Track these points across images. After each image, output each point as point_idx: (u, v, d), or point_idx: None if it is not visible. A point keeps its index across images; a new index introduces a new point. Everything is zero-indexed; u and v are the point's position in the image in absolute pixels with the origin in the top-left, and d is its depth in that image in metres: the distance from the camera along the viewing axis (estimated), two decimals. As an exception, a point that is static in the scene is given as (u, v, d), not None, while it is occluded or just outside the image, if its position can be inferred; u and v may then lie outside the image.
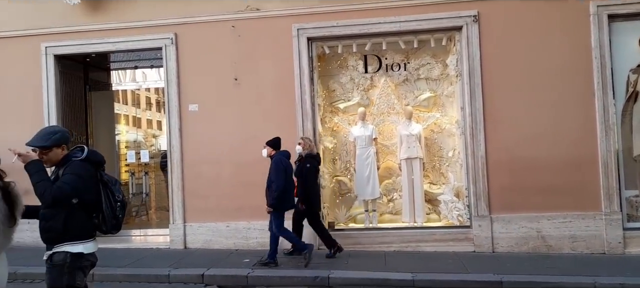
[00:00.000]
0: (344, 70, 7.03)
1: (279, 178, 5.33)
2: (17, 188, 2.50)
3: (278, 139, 5.61)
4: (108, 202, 2.72)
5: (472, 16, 5.98)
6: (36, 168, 2.53)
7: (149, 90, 14.35)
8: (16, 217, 2.48)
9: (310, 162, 5.68)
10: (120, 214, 2.78)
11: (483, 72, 6.01)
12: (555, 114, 5.88)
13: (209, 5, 6.28)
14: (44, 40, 6.43)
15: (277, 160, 5.45)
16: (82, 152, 2.70)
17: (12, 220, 2.46)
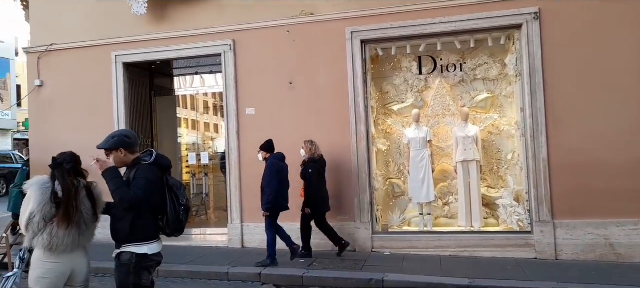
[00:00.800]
0: (397, 72, 6.98)
1: (273, 182, 5.50)
2: (99, 188, 2.72)
3: (271, 142, 5.80)
4: (173, 205, 2.83)
5: (533, 13, 5.74)
6: (113, 175, 2.68)
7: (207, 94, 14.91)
8: (98, 214, 2.71)
9: (312, 166, 5.78)
10: (183, 218, 2.88)
11: (545, 71, 5.75)
12: (626, 113, 5.53)
13: (265, 12, 6.47)
14: (114, 50, 6.89)
15: (271, 163, 5.64)
16: (150, 156, 2.83)
17: (95, 217, 2.70)
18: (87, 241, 2.72)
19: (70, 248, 2.61)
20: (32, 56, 7.23)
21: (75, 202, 2.58)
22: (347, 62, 6.26)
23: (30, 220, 2.52)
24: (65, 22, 7.10)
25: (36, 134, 7.26)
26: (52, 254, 2.57)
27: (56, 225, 2.53)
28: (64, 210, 2.53)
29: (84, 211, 2.63)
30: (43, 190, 2.54)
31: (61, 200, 2.54)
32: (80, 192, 2.64)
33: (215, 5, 6.64)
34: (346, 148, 6.22)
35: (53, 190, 2.55)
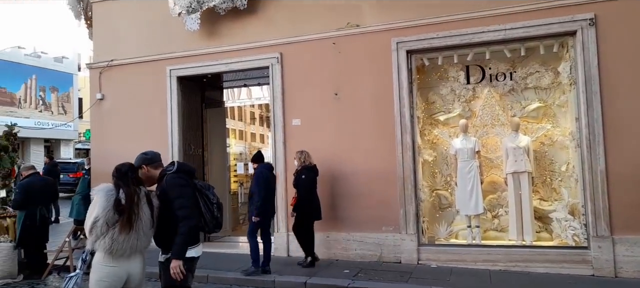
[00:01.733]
0: (444, 82, 6.89)
1: (261, 190, 5.71)
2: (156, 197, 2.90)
3: (260, 152, 6.16)
4: (206, 206, 3.07)
5: (588, 19, 5.52)
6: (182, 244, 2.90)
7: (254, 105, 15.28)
8: (154, 220, 2.87)
9: (305, 174, 5.95)
10: (218, 215, 3.12)
11: (602, 79, 5.50)
12: (693, 123, 5.19)
13: (311, 25, 6.60)
14: (169, 64, 7.25)
15: (258, 172, 5.87)
16: (173, 166, 3.07)
17: (152, 223, 2.86)
18: (144, 246, 2.89)
19: (128, 253, 2.78)
20: (94, 71, 7.73)
21: (137, 208, 2.76)
22: (393, 72, 6.26)
23: (94, 224, 2.71)
24: (125, 39, 7.55)
25: (97, 144, 7.73)
26: (112, 258, 2.75)
27: (118, 230, 2.71)
28: (127, 216, 2.71)
29: (143, 218, 2.80)
30: (108, 196, 2.74)
31: (124, 207, 2.72)
32: (141, 200, 2.81)
33: (264, 20, 6.85)
34: (392, 159, 6.20)
35: (117, 198, 2.74)
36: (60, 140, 25.62)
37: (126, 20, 7.58)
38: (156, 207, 2.90)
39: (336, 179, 6.43)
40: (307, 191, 6.00)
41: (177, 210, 2.85)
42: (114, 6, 7.67)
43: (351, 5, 6.47)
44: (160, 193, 2.96)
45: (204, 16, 6.77)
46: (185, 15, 6.71)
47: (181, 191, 2.91)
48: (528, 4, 5.75)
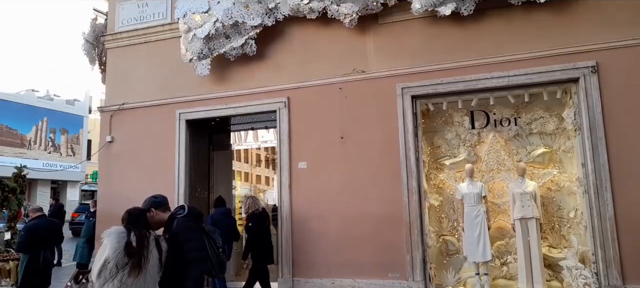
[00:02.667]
0: (449, 126, 6.95)
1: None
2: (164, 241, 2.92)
3: (220, 198, 6.64)
4: (212, 249, 3.10)
5: (590, 67, 5.62)
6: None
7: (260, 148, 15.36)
8: (162, 264, 2.88)
9: (252, 221, 6.13)
10: (223, 258, 3.18)
11: (606, 125, 5.54)
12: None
13: (318, 70, 6.75)
14: (179, 108, 7.38)
15: (212, 218, 6.19)
16: (183, 210, 3.10)
17: (160, 266, 2.86)
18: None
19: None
20: (106, 114, 7.88)
21: (147, 252, 2.77)
22: (398, 117, 6.33)
23: (104, 265, 2.71)
24: (137, 83, 7.74)
25: (104, 186, 7.77)
26: (120, 301, 2.72)
27: (127, 273, 2.71)
28: (137, 259, 2.72)
29: (152, 261, 2.80)
30: (119, 238, 2.76)
31: (134, 250, 2.73)
32: (150, 243, 2.83)
33: (272, 65, 7.02)
34: (397, 203, 6.17)
35: (128, 240, 2.76)
36: (67, 181, 25.77)
37: (139, 65, 7.79)
38: (165, 251, 2.91)
39: (342, 223, 6.39)
40: (254, 237, 6.15)
41: (187, 254, 2.87)
42: (128, 52, 7.92)
43: (357, 51, 6.63)
44: (170, 237, 2.98)
45: (214, 62, 6.96)
46: (196, 61, 6.90)
47: (192, 235, 2.94)
48: (530, 51, 5.87)
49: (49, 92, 25.87)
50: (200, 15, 6.73)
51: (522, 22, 5.95)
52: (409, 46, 6.42)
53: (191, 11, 6.78)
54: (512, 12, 5.94)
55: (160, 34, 7.68)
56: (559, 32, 5.82)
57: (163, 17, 7.71)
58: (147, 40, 7.78)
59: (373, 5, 6.21)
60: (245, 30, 6.74)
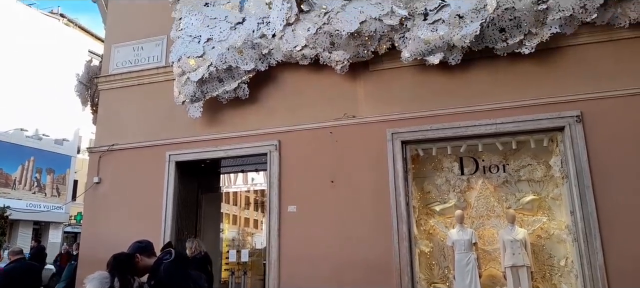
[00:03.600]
0: (439, 172, 7.01)
1: None
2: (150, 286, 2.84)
3: (169, 243, 6.12)
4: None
5: (575, 116, 5.76)
6: None
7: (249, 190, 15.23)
8: None
9: (195, 264, 5.75)
10: None
11: (593, 173, 5.61)
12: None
13: (309, 115, 6.82)
14: (169, 149, 7.36)
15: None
16: (170, 254, 3.05)
17: None
18: None
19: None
20: (94, 155, 7.82)
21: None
22: (388, 161, 6.36)
23: (87, 311, 2.62)
24: (128, 124, 7.74)
25: (88, 228, 7.60)
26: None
27: (109, 319, 2.61)
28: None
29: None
30: (102, 284, 2.68)
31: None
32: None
33: (264, 109, 7.09)
34: (388, 249, 6.10)
35: (111, 286, 2.68)
36: (49, 223, 25.14)
37: (131, 107, 7.81)
38: None
39: (332, 268, 6.27)
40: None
41: None
42: (121, 94, 7.95)
43: (348, 97, 6.74)
44: (156, 283, 2.91)
45: (207, 104, 7.01)
46: (188, 104, 6.95)
47: (178, 280, 2.87)
48: (516, 100, 6.01)
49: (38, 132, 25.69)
50: (194, 60, 6.83)
51: (507, 72, 6.13)
52: (399, 93, 6.55)
53: (186, 55, 6.89)
54: (498, 63, 6.12)
55: (154, 77, 7.75)
56: (543, 82, 5.99)
57: (157, 61, 7.82)
58: (140, 82, 7.85)
59: (364, 53, 6.38)
60: (239, 75, 6.85)
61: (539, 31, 5.73)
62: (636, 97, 5.65)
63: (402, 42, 6.19)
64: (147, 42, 7.97)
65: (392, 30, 6.19)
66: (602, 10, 5.60)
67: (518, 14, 5.61)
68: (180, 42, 7.03)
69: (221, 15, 7.05)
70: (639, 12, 5.54)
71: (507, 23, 5.68)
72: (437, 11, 5.95)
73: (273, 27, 6.66)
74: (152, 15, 8.06)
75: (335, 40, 6.29)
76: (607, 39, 5.87)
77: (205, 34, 6.91)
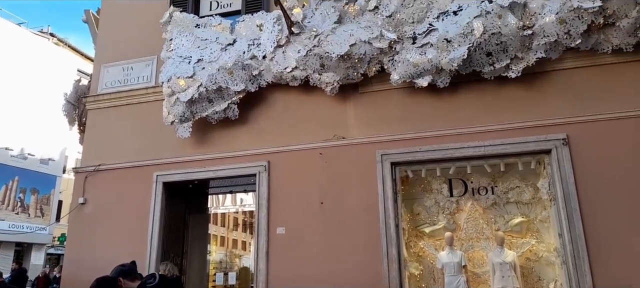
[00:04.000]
0: (428, 194, 7.02)
1: None
2: None
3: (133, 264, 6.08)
4: None
5: (561, 139, 5.83)
6: None
7: (238, 212, 15.09)
8: None
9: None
10: None
11: (580, 196, 5.66)
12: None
13: (299, 136, 6.83)
14: (157, 170, 7.27)
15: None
16: (154, 278, 3.00)
17: None
18: None
19: None
20: (80, 175, 7.70)
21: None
22: (378, 183, 6.35)
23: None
24: (115, 144, 7.66)
25: (72, 250, 7.43)
26: None
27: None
28: None
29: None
30: None
31: None
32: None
33: (254, 129, 7.08)
34: (377, 271, 6.04)
35: None
36: (32, 244, 24.55)
37: (119, 127, 7.74)
38: None
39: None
40: None
41: None
42: (109, 114, 7.89)
43: (338, 118, 6.76)
44: None
45: (196, 125, 6.98)
46: (177, 124, 6.91)
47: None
48: (505, 123, 6.08)
49: (23, 151, 25.30)
50: (184, 80, 6.83)
51: (495, 95, 6.21)
52: (388, 114, 6.59)
53: (176, 76, 6.88)
54: (486, 86, 6.21)
55: (143, 97, 7.72)
56: (530, 106, 6.08)
57: (147, 81, 7.79)
58: (129, 102, 7.80)
59: (354, 75, 6.43)
60: (229, 95, 6.85)
61: (525, 55, 5.85)
62: (621, 121, 5.75)
63: (391, 65, 6.27)
64: (137, 62, 7.95)
65: (382, 53, 6.27)
66: (585, 36, 5.74)
67: (504, 38, 5.72)
68: (171, 63, 7.03)
69: (212, 36, 7.08)
70: (620, 38, 5.69)
71: (494, 47, 5.79)
72: (426, 35, 6.05)
73: (264, 49, 6.71)
74: (142, 35, 8.07)
75: (325, 62, 6.34)
76: (591, 64, 6.00)
77: (196, 54, 6.93)
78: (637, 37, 5.65)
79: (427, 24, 6.11)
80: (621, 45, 5.72)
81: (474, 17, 5.78)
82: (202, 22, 7.32)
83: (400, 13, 6.31)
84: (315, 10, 6.74)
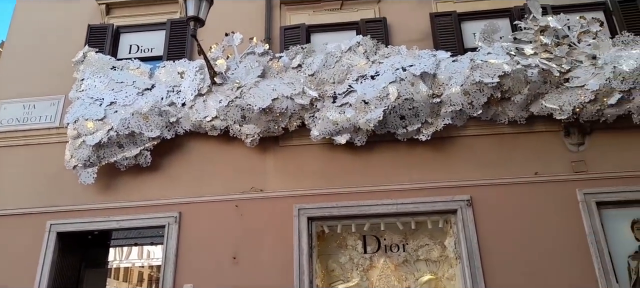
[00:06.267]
0: (343, 250, 7.04)
1: None
2: None
3: None
4: None
5: (466, 201, 6.24)
6: None
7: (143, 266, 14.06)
8: None
9: None
10: None
11: (482, 255, 6.02)
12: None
13: (214, 186, 6.61)
14: (51, 218, 6.56)
15: None
16: None
17: None
18: None
19: None
20: (-43, 222, 6.72)
21: None
22: (294, 238, 6.28)
23: None
24: (6, 188, 6.83)
25: None
26: None
27: None
28: None
29: None
30: None
31: None
32: None
33: (165, 177, 6.73)
34: (289, 332, 5.84)
35: None
36: None
37: (13, 169, 6.94)
38: None
39: None
40: None
41: None
42: (3, 154, 7.09)
43: (256, 170, 6.68)
44: None
45: (101, 170, 6.50)
46: (80, 169, 6.37)
47: None
48: (416, 182, 6.41)
49: None
50: (93, 122, 6.39)
51: (407, 155, 6.56)
52: (307, 169, 6.65)
53: (84, 117, 6.42)
54: (399, 147, 6.55)
55: (44, 138, 7.07)
56: (438, 167, 6.49)
57: (50, 121, 7.19)
58: (27, 143, 7.09)
59: (274, 129, 6.46)
60: (142, 141, 6.50)
61: (434, 121, 6.30)
62: (515, 185, 6.32)
63: (311, 121, 6.41)
64: (41, 101, 7.35)
65: (303, 109, 6.41)
66: (486, 107, 6.35)
67: (416, 104, 6.14)
68: (80, 103, 6.57)
69: (129, 79, 6.79)
70: (515, 111, 6.37)
71: (407, 112, 6.18)
72: (345, 96, 6.31)
73: (183, 96, 6.55)
74: (50, 73, 7.54)
75: (246, 113, 6.32)
76: (491, 133, 6.61)
77: (109, 97, 6.56)
78: (529, 111, 6.38)
79: (347, 85, 6.41)
80: (515, 117, 6.40)
81: (389, 83, 6.16)
82: (119, 65, 7.01)
83: (322, 73, 6.56)
84: (240, 62, 6.79)
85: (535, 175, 6.33)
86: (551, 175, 6.32)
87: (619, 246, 6.03)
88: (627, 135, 6.37)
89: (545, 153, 6.46)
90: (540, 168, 6.37)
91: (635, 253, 6.04)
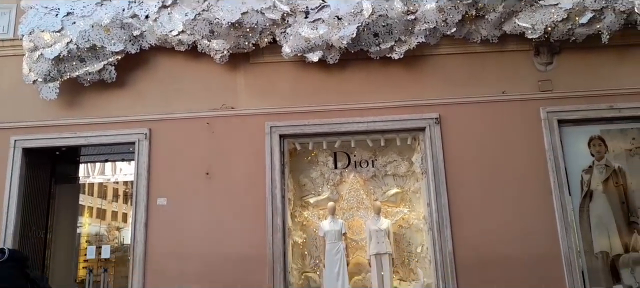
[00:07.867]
0: (314, 166, 7.23)
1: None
2: None
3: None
4: None
5: (434, 119, 6.38)
6: None
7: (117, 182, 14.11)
8: None
9: None
10: None
11: (447, 171, 6.28)
12: (517, 210, 6.10)
13: (185, 103, 6.50)
14: (14, 134, 6.40)
15: None
16: (2, 254, 2.68)
17: None
18: None
19: None
20: None
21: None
22: (266, 154, 6.36)
23: None
24: (-40, 102, 6.55)
25: None
26: None
27: None
28: None
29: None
30: None
31: None
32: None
33: (133, 94, 6.56)
34: (261, 241, 6.11)
35: None
36: None
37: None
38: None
39: (203, 263, 6.09)
40: None
41: None
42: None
43: (227, 88, 6.57)
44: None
45: (64, 86, 6.25)
46: (41, 83, 6.11)
47: (12, 284, 2.51)
48: (387, 101, 6.45)
49: None
50: (50, 34, 6.02)
51: (379, 74, 6.54)
52: (279, 87, 6.58)
53: (40, 29, 6.03)
54: (371, 65, 6.50)
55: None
56: (409, 86, 6.52)
57: (4, 31, 6.74)
58: (-21, 54, 6.69)
59: (245, 45, 6.26)
60: (105, 55, 6.22)
61: (407, 39, 6.22)
62: (483, 104, 6.46)
63: (283, 37, 6.22)
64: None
65: (274, 25, 6.18)
66: (460, 25, 6.27)
67: (390, 21, 6.01)
68: (33, 13, 6.13)
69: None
70: (488, 30, 6.33)
71: (381, 29, 6.05)
72: (318, 11, 6.09)
73: (146, 8, 6.18)
74: (-3, -24, 6.91)
75: (215, 28, 6.06)
76: (463, 52, 6.60)
77: (65, 7, 6.12)
78: (501, 30, 6.35)
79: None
80: (488, 36, 6.38)
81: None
82: (74, -30, 6.48)
83: (293, -15, 6.25)
84: (206, -29, 6.37)
85: (502, 94, 6.46)
86: (518, 94, 6.47)
87: (574, 161, 6.39)
88: (594, 55, 6.49)
89: (514, 73, 6.55)
90: (509, 88, 6.49)
91: (589, 167, 6.42)
